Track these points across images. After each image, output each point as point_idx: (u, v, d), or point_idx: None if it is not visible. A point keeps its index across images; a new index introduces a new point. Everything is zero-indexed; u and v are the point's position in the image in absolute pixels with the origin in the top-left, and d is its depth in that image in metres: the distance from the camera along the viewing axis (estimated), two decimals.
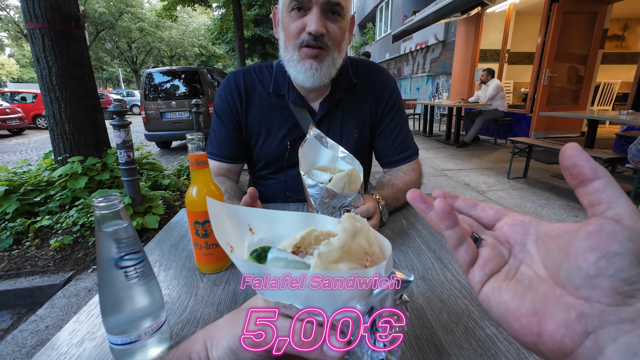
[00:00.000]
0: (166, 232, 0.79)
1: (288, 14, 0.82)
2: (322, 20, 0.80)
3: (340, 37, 0.85)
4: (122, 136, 2.26)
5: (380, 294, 0.25)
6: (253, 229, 0.33)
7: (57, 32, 2.51)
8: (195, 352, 0.28)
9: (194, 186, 0.59)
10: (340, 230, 0.26)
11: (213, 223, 0.29)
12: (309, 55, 0.83)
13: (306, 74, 0.84)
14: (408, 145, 1.01)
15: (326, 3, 0.79)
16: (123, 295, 0.37)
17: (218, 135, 0.98)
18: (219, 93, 0.99)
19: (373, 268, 0.25)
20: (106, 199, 0.35)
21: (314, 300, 0.24)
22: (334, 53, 0.86)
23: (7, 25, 24.76)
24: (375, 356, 0.27)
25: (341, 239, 0.25)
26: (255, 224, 0.33)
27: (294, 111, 0.95)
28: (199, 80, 6.08)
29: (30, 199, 2.53)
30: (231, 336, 0.26)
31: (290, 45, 0.84)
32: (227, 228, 0.31)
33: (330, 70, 0.87)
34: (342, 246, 0.25)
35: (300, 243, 0.30)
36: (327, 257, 0.24)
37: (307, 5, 0.80)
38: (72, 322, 0.48)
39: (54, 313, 1.70)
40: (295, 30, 0.82)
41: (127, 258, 0.37)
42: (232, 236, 0.31)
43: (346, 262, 0.25)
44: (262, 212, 0.33)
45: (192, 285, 0.57)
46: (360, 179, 0.65)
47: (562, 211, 2.81)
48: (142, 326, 0.38)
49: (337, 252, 0.25)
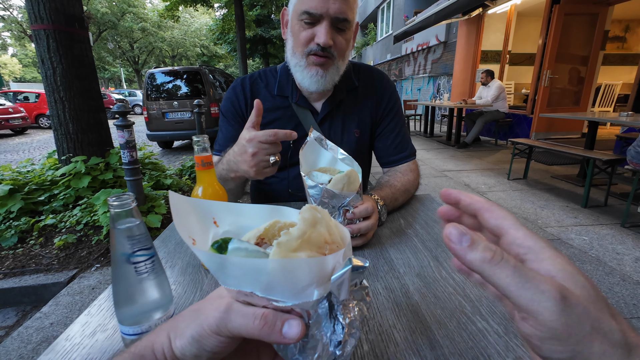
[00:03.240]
0: (171, 231, 0.82)
1: (298, 22, 0.86)
2: (330, 33, 0.84)
3: (345, 47, 0.90)
4: (125, 136, 2.29)
5: (337, 279, 0.26)
6: (217, 222, 0.33)
7: (62, 33, 2.54)
8: (158, 344, 0.28)
9: (200, 186, 0.61)
10: (300, 221, 0.27)
11: (174, 216, 0.29)
12: (315, 63, 0.87)
13: (312, 79, 0.89)
14: (406, 146, 1.05)
15: (335, 18, 0.84)
16: (135, 288, 0.39)
17: (225, 133, 1.03)
18: (226, 96, 1.04)
19: (331, 255, 0.26)
20: (120, 198, 0.38)
21: (274, 287, 0.25)
22: (339, 62, 0.90)
23: (10, 25, 24.87)
24: (335, 338, 0.29)
25: (300, 229, 0.26)
26: (220, 217, 0.34)
27: (297, 111, 1.00)
28: (200, 80, 6.11)
29: (35, 198, 2.57)
30: (195, 325, 0.27)
31: (298, 51, 0.89)
32: (190, 221, 0.31)
33: (334, 76, 0.92)
34: (301, 235, 0.26)
35: (264, 234, 0.31)
36: (286, 246, 0.25)
37: (318, 19, 0.84)
38: (84, 315, 0.50)
39: (59, 310, 1.73)
40: (304, 39, 0.86)
41: (139, 254, 0.39)
42: (195, 229, 0.31)
43: (305, 251, 0.26)
44: (227, 206, 0.34)
45: (197, 281, 0.60)
46: (358, 180, 0.68)
47: (562, 212, 2.83)
48: (152, 317, 0.40)
49: (296, 241, 0.26)
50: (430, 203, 0.97)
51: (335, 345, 0.29)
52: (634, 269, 1.96)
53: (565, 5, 4.92)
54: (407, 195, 0.95)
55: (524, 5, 6.54)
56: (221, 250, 0.28)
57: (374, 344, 0.44)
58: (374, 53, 15.83)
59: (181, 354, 0.27)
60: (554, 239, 2.36)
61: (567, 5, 4.92)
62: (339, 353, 0.29)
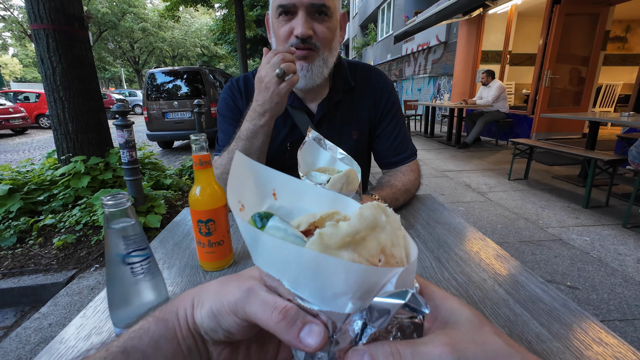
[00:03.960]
0: (169, 231, 0.81)
1: (277, 20, 0.84)
2: (308, 23, 0.81)
3: (329, 37, 0.86)
4: (125, 136, 2.28)
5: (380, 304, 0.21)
6: (277, 195, 0.30)
7: (62, 33, 2.53)
8: (182, 308, 0.27)
9: (198, 186, 0.61)
10: (355, 217, 0.23)
11: (230, 176, 0.27)
12: (298, 57, 0.84)
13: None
14: (406, 147, 1.02)
15: (310, 5, 0.80)
16: (130, 290, 0.38)
17: (225, 132, 0.99)
18: (221, 97, 1.02)
19: (383, 269, 0.22)
20: (114, 197, 0.37)
21: (302, 282, 0.22)
22: (325, 53, 0.87)
23: (10, 25, 24.90)
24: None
25: (352, 226, 0.22)
26: (281, 190, 0.31)
27: (293, 113, 0.97)
28: (201, 80, 6.11)
29: (34, 198, 2.56)
30: (215, 299, 0.26)
31: None
32: (245, 185, 0.29)
33: (322, 69, 0.88)
34: (351, 234, 0.22)
35: (318, 222, 0.27)
36: (328, 239, 0.22)
37: (293, 10, 0.81)
38: (79, 317, 0.49)
39: (57, 311, 1.72)
40: (284, 35, 0.83)
41: (134, 254, 0.38)
42: (248, 195, 0.29)
43: (351, 253, 0.22)
44: (290, 181, 0.31)
45: (195, 282, 0.59)
46: (358, 180, 0.67)
47: (563, 213, 2.82)
48: None
49: (342, 238, 0.22)
50: (431, 203, 0.96)
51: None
52: (636, 269, 1.95)
53: (566, 5, 4.91)
54: (407, 195, 0.94)
55: (525, 5, 6.53)
56: (261, 224, 0.25)
57: None
58: (374, 53, 15.84)
59: (199, 324, 0.26)
60: (555, 239, 2.35)
61: (567, 5, 4.91)
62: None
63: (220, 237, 0.62)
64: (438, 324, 0.24)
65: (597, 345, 0.42)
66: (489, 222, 2.70)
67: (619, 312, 1.61)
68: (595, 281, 1.86)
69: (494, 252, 0.67)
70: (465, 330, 0.23)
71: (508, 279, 0.57)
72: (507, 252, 0.66)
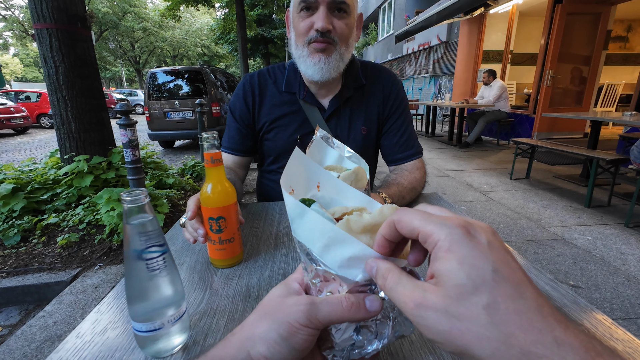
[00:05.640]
0: (177, 230, 0.81)
1: (298, 14, 0.88)
2: (328, 18, 0.85)
3: (346, 33, 0.89)
4: (128, 135, 2.28)
5: None
6: (320, 188, 0.37)
7: (64, 32, 2.54)
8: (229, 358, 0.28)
9: (209, 183, 0.61)
10: (377, 212, 0.28)
11: (288, 165, 0.34)
12: (317, 50, 0.88)
13: (315, 67, 0.89)
14: (413, 144, 1.05)
15: (332, 2, 0.84)
16: (147, 284, 0.39)
17: (232, 130, 1.04)
18: (235, 93, 1.05)
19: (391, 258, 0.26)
20: (132, 193, 0.37)
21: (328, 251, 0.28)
22: (342, 48, 0.90)
23: (11, 25, 24.90)
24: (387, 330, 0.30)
25: (373, 217, 0.28)
26: (324, 185, 0.37)
27: (304, 108, 1.00)
28: (202, 80, 6.11)
29: (37, 197, 2.56)
30: (279, 325, 0.27)
31: (300, 42, 0.90)
32: (298, 175, 0.36)
33: (339, 64, 0.91)
34: (371, 223, 0.27)
35: (348, 213, 0.32)
36: (353, 224, 0.27)
37: (314, 5, 0.85)
38: (94, 312, 0.50)
39: (62, 309, 1.72)
40: (304, 28, 0.87)
41: (151, 250, 0.38)
42: (299, 183, 0.35)
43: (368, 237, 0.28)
44: (333, 179, 0.37)
45: (206, 279, 0.59)
46: (366, 177, 0.67)
47: (565, 212, 2.82)
48: (165, 315, 0.40)
49: (364, 226, 0.27)
50: (437, 201, 0.96)
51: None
52: (638, 269, 1.95)
53: (568, 4, 4.90)
54: (414, 193, 0.94)
55: (526, 4, 6.52)
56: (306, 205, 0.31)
57: None
58: (375, 53, 15.82)
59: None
60: (557, 239, 2.35)
61: (569, 4, 4.90)
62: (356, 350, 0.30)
63: (231, 234, 0.62)
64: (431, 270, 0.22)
65: (608, 341, 0.42)
66: (491, 221, 2.70)
67: (621, 311, 1.61)
68: (598, 280, 1.86)
69: None
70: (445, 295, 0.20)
71: None
72: None
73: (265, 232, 0.78)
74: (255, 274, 0.61)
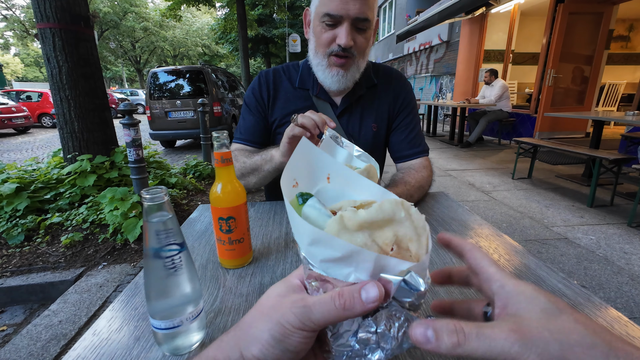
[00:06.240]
0: (187, 228, 0.82)
1: (320, 24, 0.89)
2: (351, 34, 0.87)
3: (365, 46, 0.92)
4: (131, 135, 2.29)
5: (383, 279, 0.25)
6: (331, 179, 0.35)
7: (68, 32, 2.54)
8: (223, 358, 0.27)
9: (219, 183, 0.61)
10: (375, 207, 0.25)
11: (292, 156, 0.32)
12: (336, 64, 0.91)
13: (333, 79, 0.93)
14: (420, 142, 1.07)
15: (356, 19, 0.85)
16: (165, 282, 0.39)
17: (246, 122, 1.07)
18: (250, 86, 1.08)
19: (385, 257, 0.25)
20: (151, 191, 0.37)
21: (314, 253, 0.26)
22: (359, 60, 0.93)
23: (12, 25, 24.92)
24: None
25: (369, 213, 0.25)
26: (335, 176, 0.35)
27: (317, 103, 1.03)
28: (203, 79, 6.11)
29: (41, 197, 2.57)
30: (273, 326, 0.26)
31: (320, 51, 0.92)
32: (303, 166, 0.33)
33: (355, 74, 0.95)
34: (367, 220, 0.25)
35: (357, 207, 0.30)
36: (347, 221, 0.25)
37: (339, 20, 0.86)
38: (109, 310, 0.50)
39: (67, 308, 1.73)
40: (326, 40, 0.89)
41: (170, 248, 0.39)
42: (304, 175, 0.33)
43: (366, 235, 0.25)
44: (344, 170, 0.34)
45: (219, 277, 0.60)
46: (377, 175, 0.67)
47: (568, 212, 2.82)
48: (184, 312, 0.40)
49: (360, 223, 0.25)
50: (444, 200, 0.96)
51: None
52: None
53: (570, 4, 4.89)
54: (421, 192, 0.95)
55: (528, 4, 6.52)
56: (302, 201, 0.29)
57: None
58: (376, 52, 15.80)
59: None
60: (560, 238, 2.35)
61: (571, 4, 4.90)
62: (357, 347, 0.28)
63: (241, 234, 0.62)
64: (509, 311, 0.25)
65: (625, 338, 0.42)
66: (494, 220, 2.70)
67: (626, 311, 1.61)
68: (602, 280, 1.86)
69: (512, 248, 0.67)
70: (537, 318, 0.23)
71: (529, 274, 0.58)
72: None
73: (274, 230, 0.78)
74: (268, 272, 0.61)
